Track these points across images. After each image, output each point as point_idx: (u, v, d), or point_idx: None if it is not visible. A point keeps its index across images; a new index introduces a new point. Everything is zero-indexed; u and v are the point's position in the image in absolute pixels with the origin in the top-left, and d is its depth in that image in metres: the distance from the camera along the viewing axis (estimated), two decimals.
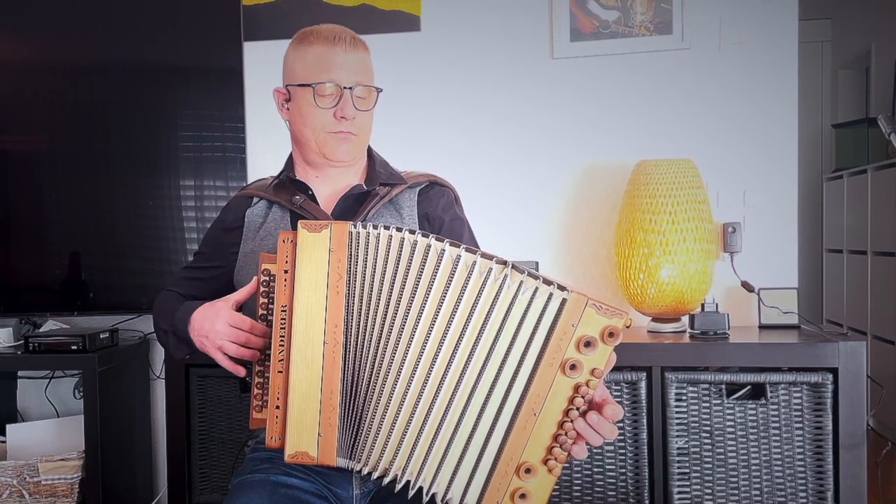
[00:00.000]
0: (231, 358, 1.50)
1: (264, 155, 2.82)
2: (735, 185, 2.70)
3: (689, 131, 2.72)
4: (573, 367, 1.26)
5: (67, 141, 2.87)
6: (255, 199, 1.74)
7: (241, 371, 1.49)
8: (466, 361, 1.29)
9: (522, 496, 1.29)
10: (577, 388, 1.27)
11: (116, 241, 2.84)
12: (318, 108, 1.60)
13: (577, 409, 1.27)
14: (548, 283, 1.27)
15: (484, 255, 1.30)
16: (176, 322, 1.59)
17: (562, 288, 1.27)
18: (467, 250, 1.30)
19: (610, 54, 2.75)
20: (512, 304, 1.27)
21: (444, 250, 1.31)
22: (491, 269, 1.28)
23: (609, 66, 2.76)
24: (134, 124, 2.86)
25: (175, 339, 1.62)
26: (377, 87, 1.65)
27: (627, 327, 1.28)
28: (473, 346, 1.29)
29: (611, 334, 1.26)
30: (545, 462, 1.29)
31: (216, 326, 1.49)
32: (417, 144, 2.83)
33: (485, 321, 1.28)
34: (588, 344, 1.26)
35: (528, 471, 1.28)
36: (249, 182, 1.85)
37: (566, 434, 1.28)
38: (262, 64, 2.91)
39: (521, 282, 1.27)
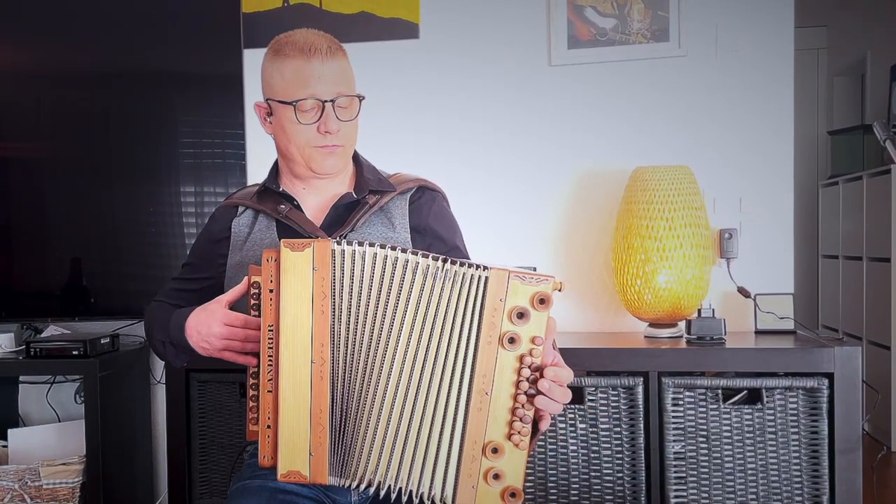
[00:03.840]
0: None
1: (264, 161, 2.78)
2: (731, 191, 2.71)
3: (686, 138, 2.74)
4: (511, 340, 1.30)
5: (69, 147, 2.89)
6: (240, 209, 1.73)
7: (252, 361, 1.48)
8: (433, 365, 1.34)
9: (496, 476, 1.32)
10: (521, 360, 1.31)
11: (117, 246, 2.86)
12: (300, 124, 1.58)
13: (527, 379, 1.31)
14: (478, 267, 1.32)
15: (453, 262, 1.34)
16: (171, 331, 1.59)
17: (485, 268, 1.31)
18: (439, 259, 1.35)
19: (607, 61, 2.77)
20: (459, 298, 1.33)
21: (417, 263, 1.35)
22: (464, 274, 1.33)
23: (606, 74, 2.78)
24: (135, 131, 2.88)
25: (173, 349, 1.62)
26: (359, 94, 1.63)
27: (559, 290, 1.31)
28: (437, 346, 1.34)
29: (541, 301, 1.29)
30: (509, 437, 1.32)
31: (213, 329, 1.50)
32: (416, 151, 2.84)
33: (443, 322, 1.34)
34: (521, 315, 1.29)
35: (494, 450, 1.32)
36: (233, 192, 1.84)
37: (522, 406, 1.31)
38: None
39: (463, 274, 1.33)
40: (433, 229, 1.71)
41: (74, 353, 2.66)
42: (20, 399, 3.12)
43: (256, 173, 2.78)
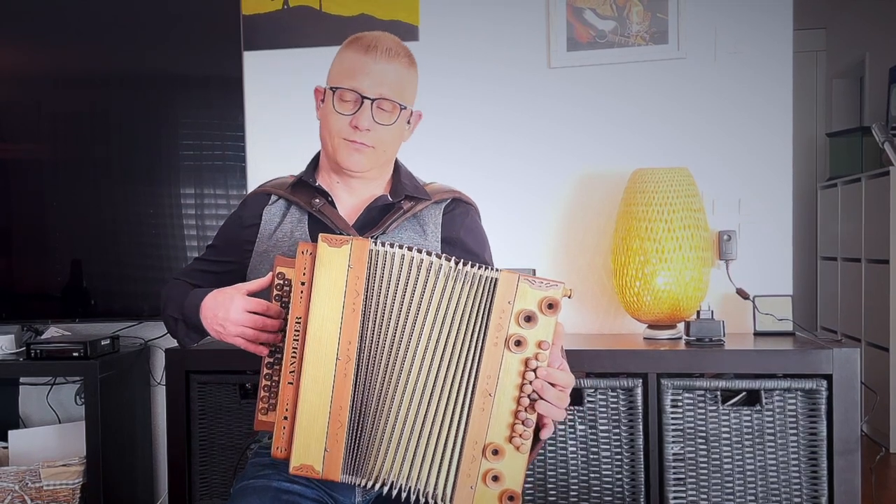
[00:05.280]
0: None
1: (264, 163, 2.84)
2: (730, 193, 2.72)
3: (685, 140, 2.74)
4: (518, 343, 1.31)
5: (69, 150, 2.90)
6: (273, 198, 1.73)
7: (263, 351, 1.48)
8: (447, 366, 1.36)
9: (495, 478, 1.33)
10: (526, 363, 1.32)
11: (117, 248, 2.86)
12: (336, 113, 1.60)
13: (531, 383, 1.32)
14: (489, 269, 1.35)
15: (467, 264, 1.36)
16: (186, 310, 1.59)
17: (495, 270, 1.34)
18: (460, 262, 1.36)
19: (606, 64, 2.78)
20: (472, 299, 1.35)
21: (440, 266, 1.36)
22: (475, 275, 1.35)
23: (605, 76, 2.79)
24: (135, 133, 2.88)
25: (185, 327, 1.62)
26: (402, 104, 1.63)
27: (569, 297, 1.32)
28: (452, 347, 1.36)
29: (549, 305, 1.30)
30: (510, 440, 1.32)
31: (231, 314, 1.50)
32: (414, 152, 2.83)
33: (457, 323, 1.36)
34: (528, 318, 1.30)
35: (495, 452, 1.32)
36: (267, 181, 1.83)
37: (525, 409, 1.32)
38: (262, 73, 2.93)
39: (474, 275, 1.35)
40: (464, 242, 1.72)
41: (75, 354, 2.67)
42: (21, 400, 3.12)
43: (256, 175, 2.78)
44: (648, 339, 2.53)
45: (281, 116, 2.91)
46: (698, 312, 2.47)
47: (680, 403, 2.28)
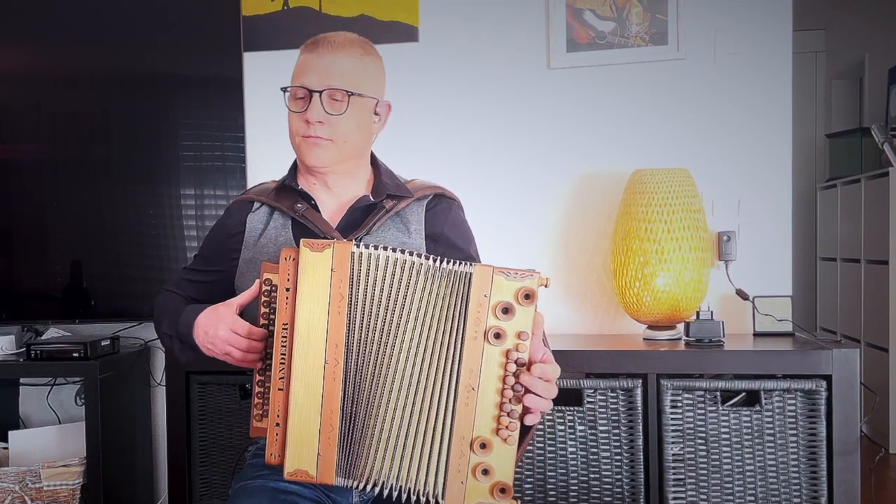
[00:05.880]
0: None
1: (264, 164, 2.84)
2: (730, 193, 2.72)
3: (685, 141, 2.74)
4: (497, 335, 1.31)
5: (69, 150, 2.90)
6: (256, 205, 1.73)
7: (256, 365, 1.49)
8: (430, 364, 1.36)
9: (485, 472, 1.33)
10: (507, 355, 1.32)
11: (117, 249, 2.86)
12: (292, 112, 1.63)
13: (513, 374, 1.32)
14: (464, 264, 1.35)
15: (445, 261, 1.37)
16: (180, 328, 1.60)
17: (470, 265, 1.34)
18: (438, 260, 1.37)
19: (606, 65, 2.78)
20: (450, 295, 1.36)
21: (422, 265, 1.37)
22: (451, 271, 1.36)
23: (605, 77, 2.79)
24: (135, 133, 2.88)
25: (180, 344, 1.63)
26: (348, 90, 1.60)
27: (545, 286, 1.32)
28: (434, 345, 1.36)
29: (526, 296, 1.30)
30: (497, 433, 1.33)
31: (219, 332, 1.51)
32: (413, 153, 2.84)
33: (439, 320, 1.37)
34: (506, 310, 1.31)
35: (482, 446, 1.33)
36: (250, 188, 1.84)
37: (509, 401, 1.32)
38: (262, 74, 2.93)
39: (450, 271, 1.36)
40: (448, 238, 1.72)
41: (75, 355, 2.67)
42: (21, 401, 3.12)
43: (256, 175, 2.79)
44: (648, 340, 2.53)
45: (281, 117, 2.86)
46: (698, 313, 2.47)
47: (679, 404, 2.28)
